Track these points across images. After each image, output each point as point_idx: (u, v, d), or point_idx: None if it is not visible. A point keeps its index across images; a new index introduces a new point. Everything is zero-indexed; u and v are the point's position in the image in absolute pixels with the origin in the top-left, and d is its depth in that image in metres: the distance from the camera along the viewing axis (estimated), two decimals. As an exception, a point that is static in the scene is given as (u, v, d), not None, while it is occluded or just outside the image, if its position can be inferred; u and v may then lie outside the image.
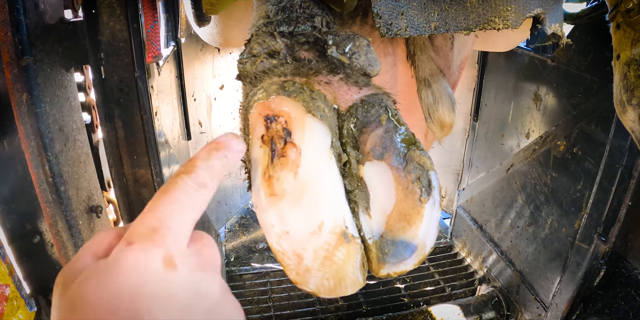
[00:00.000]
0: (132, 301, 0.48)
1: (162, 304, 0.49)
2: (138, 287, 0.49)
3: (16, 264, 1.42)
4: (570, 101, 2.29)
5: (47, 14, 1.26)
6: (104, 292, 0.49)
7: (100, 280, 0.50)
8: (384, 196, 0.87)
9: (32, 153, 1.24)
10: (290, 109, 0.84)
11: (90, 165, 1.50)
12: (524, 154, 2.71)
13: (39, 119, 1.22)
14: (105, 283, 0.50)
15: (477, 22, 1.19)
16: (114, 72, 1.37)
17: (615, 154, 1.98)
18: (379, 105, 0.90)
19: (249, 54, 0.95)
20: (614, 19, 1.40)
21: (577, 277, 2.24)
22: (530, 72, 2.62)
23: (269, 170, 0.82)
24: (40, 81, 1.22)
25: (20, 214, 1.39)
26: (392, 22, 1.14)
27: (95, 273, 0.52)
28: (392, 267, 0.86)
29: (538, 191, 2.58)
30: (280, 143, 0.83)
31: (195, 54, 3.09)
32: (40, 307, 1.43)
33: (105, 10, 1.30)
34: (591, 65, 2.13)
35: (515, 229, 2.84)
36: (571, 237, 2.29)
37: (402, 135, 0.88)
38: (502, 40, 2.02)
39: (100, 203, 1.51)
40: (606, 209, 2.05)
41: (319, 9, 1.02)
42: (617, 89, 1.41)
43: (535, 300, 2.59)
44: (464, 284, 3.25)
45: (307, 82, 0.90)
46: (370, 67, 0.94)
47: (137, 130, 1.44)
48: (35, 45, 1.20)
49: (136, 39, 1.34)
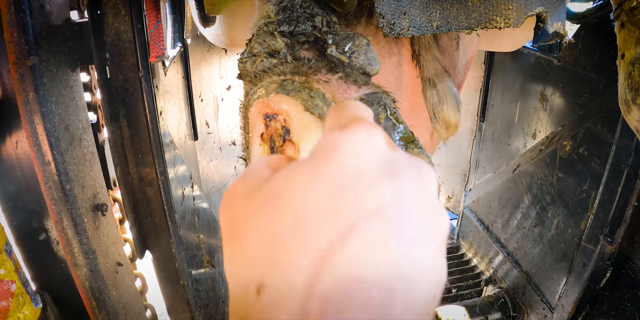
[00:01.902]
0: (362, 181, 0.43)
1: (395, 184, 0.44)
2: (368, 167, 0.44)
3: (22, 260, 1.43)
4: (576, 101, 2.28)
5: (53, 14, 1.28)
6: (325, 176, 0.43)
7: (316, 165, 0.44)
8: (383, 194, 0.88)
9: (37, 151, 1.25)
10: (289, 107, 0.85)
11: (96, 164, 1.52)
12: (531, 155, 2.70)
13: (45, 118, 1.24)
14: (325, 166, 0.43)
15: (478, 21, 1.19)
16: (119, 72, 1.38)
17: (622, 154, 1.97)
18: (378, 104, 0.91)
19: (250, 53, 0.96)
20: (618, 18, 1.39)
21: (583, 278, 2.22)
22: (537, 72, 2.61)
23: (268, 167, 0.83)
24: (46, 81, 1.24)
25: (27, 212, 1.41)
26: (395, 22, 1.15)
27: (303, 162, 0.45)
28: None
29: (544, 192, 2.57)
30: (279, 141, 0.84)
31: (202, 54, 3.10)
32: (46, 304, 1.44)
33: (110, 11, 1.31)
34: (597, 65, 2.12)
35: (521, 229, 2.82)
36: (577, 237, 2.28)
37: (400, 134, 0.89)
38: (508, 40, 2.02)
39: (105, 201, 1.53)
40: (612, 210, 2.04)
41: (319, 8, 1.03)
42: (622, 88, 1.41)
43: (541, 302, 2.58)
44: (471, 285, 3.24)
45: (306, 81, 0.91)
46: (369, 66, 0.95)
47: (142, 130, 1.46)
48: (42, 46, 1.22)
49: (141, 39, 1.35)
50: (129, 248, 1.78)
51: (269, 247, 0.42)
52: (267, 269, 0.41)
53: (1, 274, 1.29)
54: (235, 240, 0.45)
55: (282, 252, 0.41)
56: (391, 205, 0.43)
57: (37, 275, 1.49)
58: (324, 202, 0.42)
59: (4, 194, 1.39)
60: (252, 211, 0.45)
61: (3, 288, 1.28)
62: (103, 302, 1.47)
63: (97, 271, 1.43)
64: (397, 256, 0.41)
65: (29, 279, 1.43)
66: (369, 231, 0.41)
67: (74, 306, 1.50)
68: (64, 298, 1.51)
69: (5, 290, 1.29)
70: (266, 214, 0.43)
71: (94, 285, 1.43)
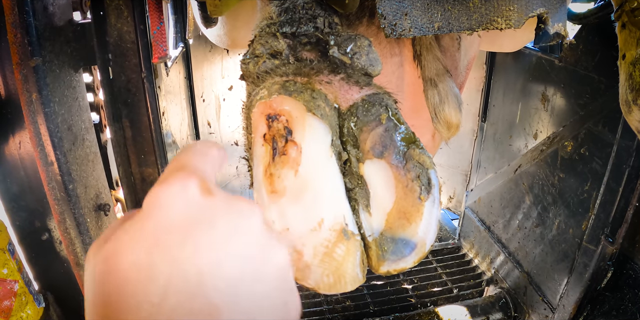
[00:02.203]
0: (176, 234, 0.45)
1: (207, 231, 0.46)
2: (180, 218, 0.46)
3: (25, 260, 1.44)
4: (577, 101, 2.29)
5: (56, 16, 1.28)
6: (143, 234, 0.45)
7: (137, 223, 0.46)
8: (384, 194, 0.88)
9: (41, 152, 1.26)
10: (292, 108, 0.86)
11: (99, 164, 1.52)
12: (532, 155, 2.70)
13: (48, 118, 1.24)
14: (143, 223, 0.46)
15: (479, 22, 1.19)
16: (122, 72, 1.39)
17: (623, 154, 1.97)
18: (379, 105, 0.91)
19: (252, 55, 0.97)
20: (619, 19, 1.39)
21: (584, 279, 2.22)
22: (538, 72, 2.61)
23: (270, 168, 0.84)
24: (50, 81, 1.24)
25: (30, 211, 1.41)
26: (397, 23, 1.15)
27: (132, 220, 0.48)
28: (391, 264, 0.87)
29: (545, 192, 2.57)
30: (282, 141, 0.84)
31: (204, 55, 3.11)
32: (48, 303, 1.45)
33: (113, 12, 1.32)
34: (598, 66, 2.12)
35: (522, 230, 2.83)
36: (578, 238, 2.28)
37: (402, 134, 0.89)
38: (509, 40, 2.02)
39: (108, 201, 1.54)
40: (613, 210, 2.04)
41: (321, 10, 1.04)
42: (623, 88, 1.41)
43: (542, 302, 2.58)
44: (472, 285, 3.24)
45: (309, 82, 0.91)
46: (371, 67, 0.95)
47: (144, 130, 1.47)
48: (45, 47, 1.23)
49: (143, 40, 1.36)
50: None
51: (102, 309, 0.45)
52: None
53: (4, 274, 1.30)
54: (86, 300, 0.48)
55: (111, 314, 0.43)
56: (206, 255, 0.44)
57: (40, 275, 1.49)
58: (143, 261, 0.44)
59: (7, 194, 1.40)
60: (90, 271, 0.47)
61: (6, 287, 1.29)
62: (105, 301, 1.47)
63: (99, 271, 1.43)
64: (220, 306, 0.43)
65: (31, 278, 1.43)
66: (185, 286, 0.43)
67: (77, 305, 1.50)
68: (66, 297, 1.52)
69: (8, 289, 1.30)
70: (97, 274, 0.46)
71: (97, 285, 1.43)
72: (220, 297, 0.43)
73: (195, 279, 0.43)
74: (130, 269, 0.43)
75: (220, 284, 0.44)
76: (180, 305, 0.42)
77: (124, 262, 0.44)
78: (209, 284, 0.43)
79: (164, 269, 0.43)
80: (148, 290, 0.42)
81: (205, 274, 0.43)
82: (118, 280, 0.44)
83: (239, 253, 0.46)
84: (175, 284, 0.43)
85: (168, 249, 0.44)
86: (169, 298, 0.42)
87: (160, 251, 0.44)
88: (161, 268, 0.43)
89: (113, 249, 0.45)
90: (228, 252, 0.46)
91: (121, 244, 0.45)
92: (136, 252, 0.44)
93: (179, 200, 0.47)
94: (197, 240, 0.45)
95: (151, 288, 0.42)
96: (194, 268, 0.43)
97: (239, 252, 0.46)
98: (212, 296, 0.43)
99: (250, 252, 0.47)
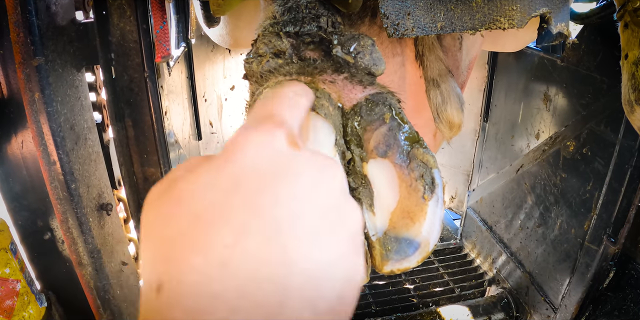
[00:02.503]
0: (258, 181, 0.44)
1: (290, 182, 0.45)
2: (265, 166, 0.45)
3: (27, 259, 1.44)
4: (579, 101, 2.28)
5: (59, 15, 1.28)
6: (223, 176, 0.45)
7: (215, 165, 0.46)
8: (388, 193, 0.88)
9: (43, 151, 1.26)
10: (295, 107, 0.86)
11: (101, 164, 1.52)
12: (534, 155, 2.70)
13: (51, 117, 1.24)
14: (224, 166, 0.45)
15: (482, 21, 1.19)
16: (124, 72, 1.39)
17: (625, 154, 1.97)
18: (383, 104, 0.91)
19: (255, 54, 0.97)
20: (621, 18, 1.39)
21: (586, 279, 2.22)
22: (540, 72, 2.61)
23: (274, 167, 0.83)
24: (52, 81, 1.24)
25: (32, 211, 1.41)
26: (399, 23, 1.15)
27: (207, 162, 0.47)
28: (395, 264, 0.86)
29: (547, 192, 2.57)
30: (285, 141, 0.84)
31: (206, 55, 3.11)
32: (50, 303, 1.45)
33: (116, 12, 1.32)
34: (600, 66, 2.12)
35: (524, 230, 2.82)
36: (580, 238, 2.28)
37: (405, 133, 0.89)
38: (511, 40, 2.02)
39: (110, 201, 1.54)
40: (615, 210, 2.04)
41: (324, 9, 1.04)
42: (625, 88, 1.41)
43: (544, 302, 2.58)
44: (474, 285, 3.24)
45: (312, 81, 0.91)
46: (374, 66, 0.95)
47: (147, 130, 1.47)
48: (47, 46, 1.23)
49: (146, 39, 1.36)
50: (133, 247, 1.79)
51: (167, 248, 0.43)
52: (164, 268, 0.42)
53: (6, 273, 1.30)
54: (143, 240, 0.46)
55: (178, 252, 0.42)
56: (287, 204, 0.44)
57: (42, 275, 1.49)
58: (220, 202, 0.43)
59: (10, 194, 1.40)
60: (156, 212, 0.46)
61: (8, 287, 1.29)
62: (108, 301, 1.47)
63: (102, 270, 1.43)
64: (292, 254, 0.42)
65: (34, 278, 1.43)
66: (263, 230, 0.42)
67: (79, 305, 1.50)
68: (68, 297, 1.52)
69: (11, 289, 1.30)
70: (166, 214, 0.44)
71: (99, 285, 1.44)
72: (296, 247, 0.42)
73: (273, 226, 0.42)
74: (206, 209, 0.43)
75: (298, 234, 0.43)
76: (255, 249, 0.41)
77: (199, 202, 0.43)
78: (285, 233, 0.42)
79: (241, 213, 0.42)
80: (222, 231, 0.41)
81: (283, 223, 0.43)
82: (190, 220, 0.43)
83: (319, 208, 0.46)
84: (251, 229, 0.42)
85: (248, 194, 0.43)
86: (243, 241, 0.41)
87: (239, 195, 0.43)
88: (238, 212, 0.42)
89: (187, 189, 0.45)
90: (309, 205, 0.45)
91: (197, 184, 0.45)
92: (213, 193, 0.43)
93: (266, 149, 0.47)
94: (279, 189, 0.44)
95: (225, 230, 0.41)
96: (272, 215, 0.43)
97: (319, 207, 0.46)
98: (288, 245, 0.42)
99: (329, 208, 0.47)
